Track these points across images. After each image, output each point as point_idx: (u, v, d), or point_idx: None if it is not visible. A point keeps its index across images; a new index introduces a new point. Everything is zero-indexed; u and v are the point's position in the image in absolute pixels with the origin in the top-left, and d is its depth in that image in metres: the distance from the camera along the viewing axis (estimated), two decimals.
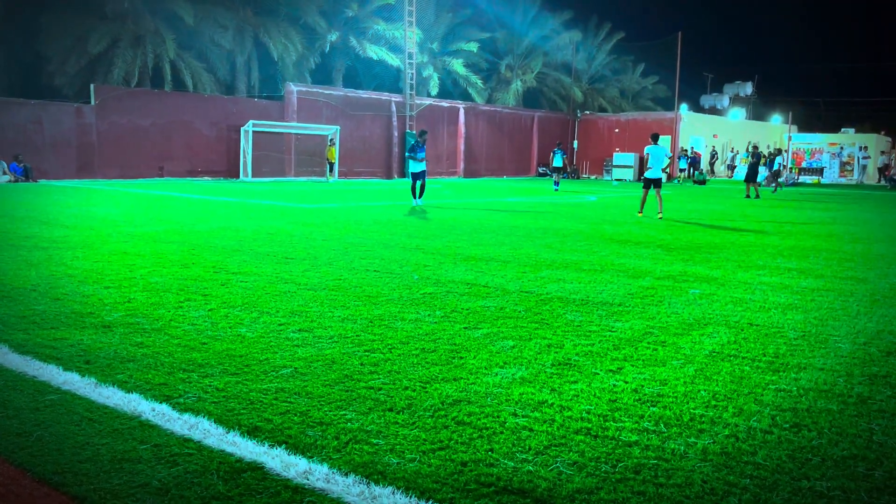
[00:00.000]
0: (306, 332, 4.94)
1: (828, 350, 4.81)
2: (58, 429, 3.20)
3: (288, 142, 31.99)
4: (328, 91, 34.46)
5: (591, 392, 3.86)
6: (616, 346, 4.78)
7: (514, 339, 4.90)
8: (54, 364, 4.09)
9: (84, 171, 26.60)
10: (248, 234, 10.58)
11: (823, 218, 16.70)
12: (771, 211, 18.79)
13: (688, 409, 3.63)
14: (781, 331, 5.33)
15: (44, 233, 10.20)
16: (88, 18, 29.74)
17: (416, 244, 9.86)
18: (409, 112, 36.69)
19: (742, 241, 11.17)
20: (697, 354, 4.64)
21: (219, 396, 3.65)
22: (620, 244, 10.46)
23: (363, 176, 34.94)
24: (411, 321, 5.35)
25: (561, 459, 3.02)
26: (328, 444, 3.09)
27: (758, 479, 2.88)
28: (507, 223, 13.42)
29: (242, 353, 4.41)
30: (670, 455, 3.08)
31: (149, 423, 3.28)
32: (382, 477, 2.81)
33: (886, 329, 5.44)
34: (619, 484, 2.80)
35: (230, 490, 2.69)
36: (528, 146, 44.87)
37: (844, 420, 3.53)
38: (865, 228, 14.08)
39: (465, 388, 3.86)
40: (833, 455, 3.11)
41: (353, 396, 3.69)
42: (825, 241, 11.45)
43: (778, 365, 4.44)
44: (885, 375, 4.27)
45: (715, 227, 13.73)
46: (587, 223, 13.90)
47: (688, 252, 9.73)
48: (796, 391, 3.95)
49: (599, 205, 19.96)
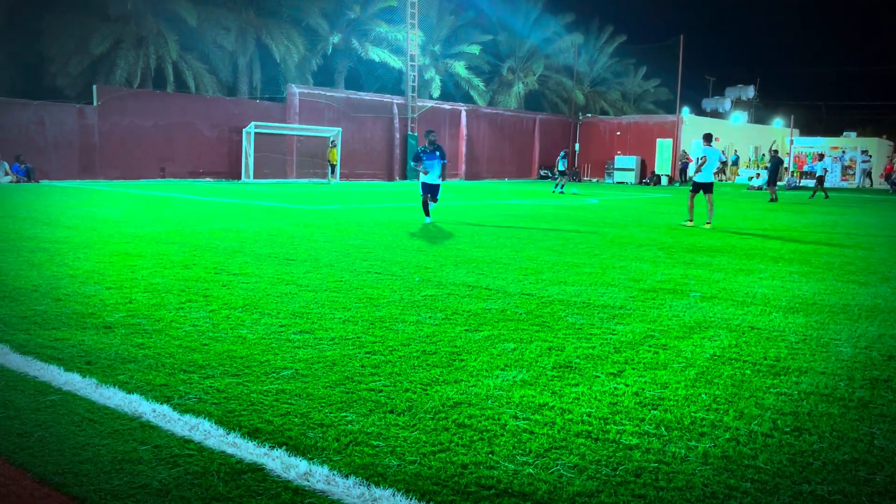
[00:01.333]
0: (307, 334, 4.94)
1: (829, 354, 4.81)
2: (58, 429, 3.20)
3: (290, 143, 32.03)
4: (330, 93, 34.51)
5: (591, 395, 3.85)
6: (617, 349, 4.78)
7: (515, 342, 4.89)
8: (55, 364, 4.09)
9: (86, 172, 26.63)
10: (250, 235, 10.59)
11: (825, 221, 16.69)
12: (772, 214, 18.78)
13: (689, 413, 3.62)
14: (782, 334, 5.33)
15: (45, 233, 10.21)
16: (91, 19, 29.80)
17: (418, 246, 9.86)
18: (411, 114, 36.72)
19: (743, 245, 11.17)
20: (698, 358, 4.64)
21: (219, 398, 3.65)
22: (621, 247, 10.46)
23: (365, 178, 34.97)
24: (412, 323, 5.35)
25: (561, 462, 3.01)
26: (329, 446, 3.09)
27: (759, 482, 2.87)
28: (509, 225, 13.42)
29: (243, 355, 4.41)
30: (671, 458, 3.08)
31: (149, 424, 3.28)
32: (383, 479, 2.81)
33: (888, 333, 5.43)
34: (619, 487, 2.80)
35: (230, 491, 2.69)
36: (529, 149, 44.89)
37: (845, 424, 3.53)
38: (866, 233, 14.07)
39: (465, 391, 3.86)
40: (834, 459, 3.11)
41: (354, 398, 3.69)
42: (826, 246, 11.45)
43: (779, 368, 4.44)
44: (886, 380, 4.26)
45: (716, 230, 13.73)
46: (588, 226, 13.90)
47: (689, 255, 9.73)
48: (797, 395, 3.94)
49: (601, 207, 19.96)
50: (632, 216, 16.95)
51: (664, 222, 15.32)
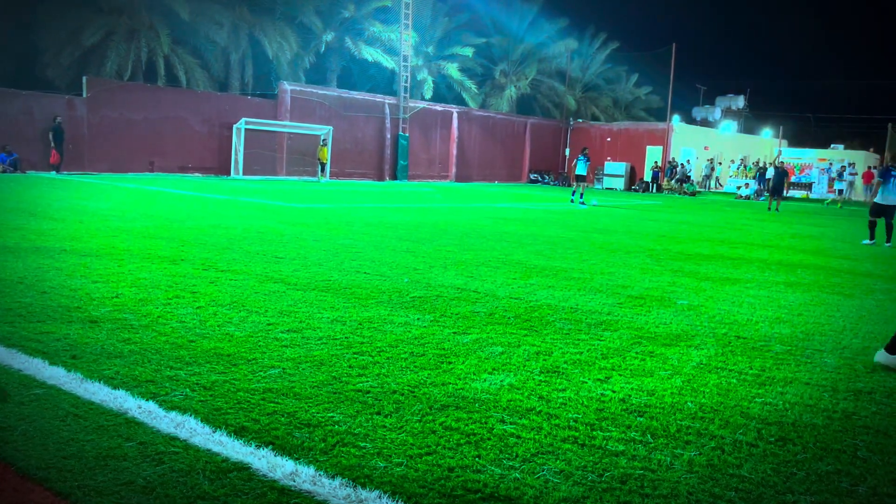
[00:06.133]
0: (295, 333, 4.93)
1: (814, 365, 4.84)
2: (43, 424, 3.18)
3: (280, 141, 31.92)
4: (322, 91, 34.42)
5: (578, 400, 3.86)
6: (604, 356, 4.79)
7: (502, 346, 4.90)
8: (40, 358, 4.05)
9: (73, 164, 26.41)
10: (238, 232, 10.54)
11: (812, 233, 16.83)
12: (760, 224, 18.91)
13: (675, 421, 3.64)
14: (768, 344, 5.36)
15: (31, 224, 10.12)
16: (84, 11, 29.57)
17: (407, 247, 9.86)
18: (403, 115, 36.70)
19: (731, 254, 11.24)
20: (685, 366, 4.66)
21: (206, 395, 3.63)
22: (610, 253, 10.49)
23: (355, 177, 34.90)
24: (401, 324, 5.35)
25: (548, 467, 3.02)
26: (315, 446, 3.08)
27: (743, 491, 2.89)
28: (498, 229, 13.43)
29: (230, 353, 4.39)
30: (657, 466, 3.09)
31: (135, 421, 3.26)
32: (369, 480, 2.80)
33: (871, 345, 5.48)
34: (605, 493, 2.81)
35: (216, 490, 2.67)
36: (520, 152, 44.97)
37: (829, 435, 3.56)
38: (853, 244, 14.19)
39: (453, 394, 3.86)
40: (818, 470, 3.14)
41: (341, 399, 3.68)
42: (813, 256, 11.54)
43: (764, 378, 4.47)
44: (869, 392, 4.30)
45: (704, 238, 13.80)
46: (577, 231, 13.94)
47: (677, 263, 9.78)
48: (782, 405, 3.97)
49: (590, 213, 20.02)
50: (621, 223, 17.01)
51: (653, 229, 15.38)
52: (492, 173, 42.85)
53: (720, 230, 16.16)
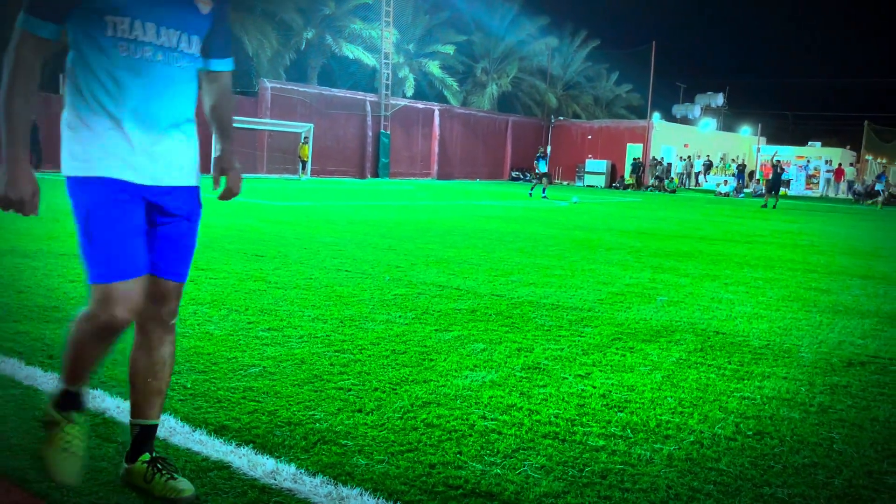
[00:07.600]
0: (276, 331, 4.91)
1: (791, 359, 4.90)
2: (18, 423, 3.14)
3: (261, 138, 31.76)
4: (303, 88, 34.28)
5: (559, 396, 3.88)
6: (585, 352, 4.82)
7: (484, 343, 4.91)
8: (16, 358, 4.00)
9: (50, 163, 26.07)
10: (218, 230, 10.47)
11: (790, 229, 17.02)
12: (739, 221, 19.10)
13: (654, 415, 3.67)
14: (746, 339, 5.42)
15: (6, 223, 9.98)
16: None
17: (389, 245, 9.85)
18: (384, 112, 36.64)
19: (710, 250, 11.34)
20: (664, 361, 4.70)
21: (185, 394, 3.60)
22: (591, 250, 10.55)
23: (336, 175, 34.80)
24: (382, 322, 5.35)
25: (529, 463, 3.03)
26: (296, 445, 3.07)
27: (721, 485, 2.92)
28: (480, 226, 13.46)
29: (210, 351, 4.36)
30: (636, 460, 3.11)
31: (113, 420, 3.23)
32: (350, 478, 2.80)
33: (847, 340, 5.56)
34: (585, 488, 2.83)
35: (196, 489, 2.66)
36: (501, 150, 45.07)
37: (806, 428, 3.60)
38: (829, 241, 14.37)
39: (435, 391, 3.86)
40: (794, 463, 3.18)
41: (322, 397, 3.68)
42: (790, 252, 11.67)
43: (743, 373, 4.52)
44: (845, 385, 4.36)
45: (684, 235, 13.92)
46: (559, 228, 14.00)
47: (656, 259, 9.85)
48: (760, 399, 4.02)
49: (571, 210, 20.11)
50: (601, 220, 17.11)
51: (633, 227, 15.48)
52: (473, 171, 42.90)
53: (700, 227, 16.30)
